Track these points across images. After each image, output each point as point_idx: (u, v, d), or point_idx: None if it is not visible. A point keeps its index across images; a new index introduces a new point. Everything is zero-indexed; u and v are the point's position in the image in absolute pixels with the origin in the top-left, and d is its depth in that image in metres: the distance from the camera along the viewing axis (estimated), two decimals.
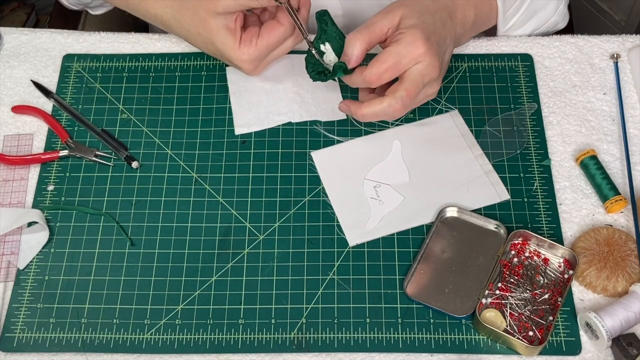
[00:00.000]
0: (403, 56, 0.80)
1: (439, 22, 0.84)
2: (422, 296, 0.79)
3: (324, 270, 0.81)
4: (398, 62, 0.80)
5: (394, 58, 0.80)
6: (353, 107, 0.84)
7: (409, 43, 0.80)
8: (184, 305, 0.80)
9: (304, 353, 0.77)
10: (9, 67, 0.97)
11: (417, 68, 0.81)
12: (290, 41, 0.88)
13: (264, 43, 0.85)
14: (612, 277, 0.78)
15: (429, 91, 0.85)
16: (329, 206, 0.85)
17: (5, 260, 0.83)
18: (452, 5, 0.87)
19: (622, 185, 0.85)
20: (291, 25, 0.85)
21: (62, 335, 0.79)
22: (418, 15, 0.83)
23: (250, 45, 0.85)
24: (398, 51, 0.80)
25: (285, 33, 0.86)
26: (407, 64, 0.81)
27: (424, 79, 0.82)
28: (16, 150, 0.90)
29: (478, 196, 0.85)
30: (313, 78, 0.84)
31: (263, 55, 0.87)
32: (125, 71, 0.96)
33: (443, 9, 0.86)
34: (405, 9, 0.83)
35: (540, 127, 0.90)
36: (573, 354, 0.76)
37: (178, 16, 0.87)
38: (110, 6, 1.04)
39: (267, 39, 0.85)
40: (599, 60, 0.95)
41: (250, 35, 0.86)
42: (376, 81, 0.81)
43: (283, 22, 0.85)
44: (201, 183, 0.87)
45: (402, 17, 0.82)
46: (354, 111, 0.84)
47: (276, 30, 0.85)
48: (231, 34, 0.85)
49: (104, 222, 0.85)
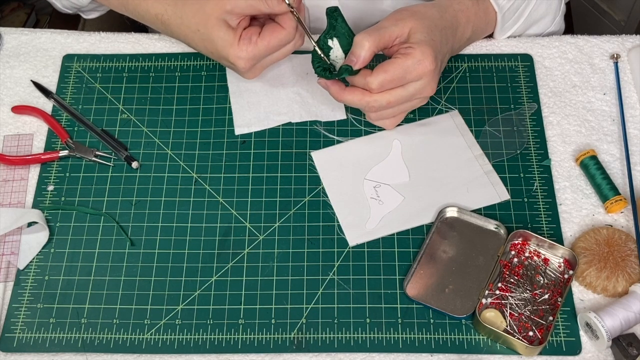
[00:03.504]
0: (410, 72, 0.81)
1: (444, 39, 0.85)
2: (422, 296, 0.79)
3: (324, 270, 0.81)
4: (404, 76, 0.81)
5: (401, 72, 0.80)
6: (334, 89, 0.84)
7: (418, 60, 0.80)
8: (184, 305, 0.80)
9: (304, 353, 0.77)
10: (9, 67, 0.97)
11: (415, 85, 0.82)
12: (290, 46, 0.87)
13: (264, 43, 0.84)
14: (612, 277, 0.78)
15: (416, 104, 0.86)
16: (329, 206, 0.85)
17: (5, 260, 0.83)
18: (456, 22, 0.88)
19: (622, 185, 0.85)
20: (293, 30, 0.85)
21: (62, 335, 0.79)
22: (428, 31, 0.83)
23: (249, 43, 0.84)
24: (407, 66, 0.80)
25: (287, 37, 0.85)
26: (411, 79, 0.81)
27: (415, 95, 0.83)
28: (16, 151, 0.90)
29: (478, 196, 0.85)
30: (318, 73, 0.84)
31: (261, 55, 0.85)
32: (125, 71, 0.96)
33: (449, 27, 0.86)
34: (416, 21, 0.83)
35: (540, 127, 0.90)
36: (573, 354, 0.76)
37: (180, 12, 0.86)
38: (103, 10, 1.03)
39: (268, 40, 0.84)
40: (599, 61, 0.95)
41: (250, 34, 0.84)
42: (377, 89, 0.81)
43: (285, 25, 0.84)
44: (201, 183, 0.87)
45: (412, 29, 0.82)
46: (334, 92, 0.84)
47: (278, 32, 0.84)
48: (231, 31, 0.84)
49: (104, 222, 0.85)
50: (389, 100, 0.82)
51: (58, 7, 1.02)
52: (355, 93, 0.83)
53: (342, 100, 0.84)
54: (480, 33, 0.93)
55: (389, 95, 0.82)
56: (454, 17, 0.87)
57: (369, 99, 0.82)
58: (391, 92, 0.82)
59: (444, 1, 0.88)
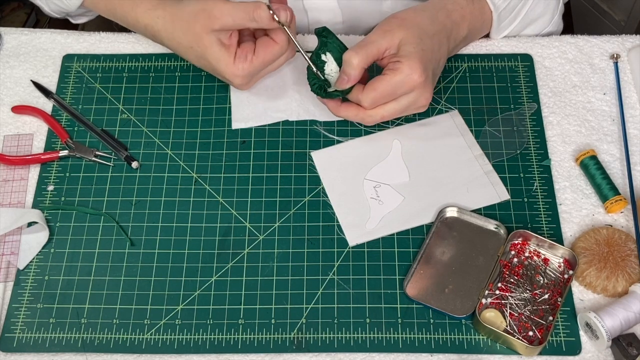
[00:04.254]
0: (400, 87, 0.82)
1: (436, 44, 0.85)
2: (422, 296, 0.79)
3: (324, 270, 0.81)
4: (393, 92, 0.82)
5: (390, 88, 0.82)
6: (331, 105, 0.86)
7: (406, 75, 0.81)
8: (183, 305, 0.80)
9: (304, 353, 0.77)
10: (9, 67, 0.97)
11: (407, 98, 0.83)
12: (283, 58, 0.87)
13: (260, 60, 0.85)
14: (612, 277, 0.78)
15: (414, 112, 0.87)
16: (329, 206, 0.85)
17: (5, 260, 0.83)
18: (449, 24, 0.88)
19: (622, 185, 0.85)
20: (285, 44, 0.85)
21: (62, 335, 0.79)
22: (417, 41, 0.83)
23: (245, 61, 0.85)
24: (395, 82, 0.81)
25: (280, 51, 0.86)
26: (402, 92, 0.83)
27: (409, 107, 0.84)
28: (16, 151, 0.90)
29: (478, 196, 0.85)
30: (314, 91, 0.86)
31: (256, 71, 0.87)
32: (125, 71, 0.96)
33: (441, 31, 0.86)
34: (405, 32, 0.83)
35: (540, 127, 0.90)
36: (573, 354, 0.76)
37: (170, 28, 0.87)
38: (92, 16, 1.02)
39: (263, 56, 0.85)
40: (599, 60, 0.95)
41: (245, 52, 0.85)
42: (369, 106, 0.83)
43: (278, 40, 0.85)
44: (201, 183, 0.87)
45: (401, 41, 0.83)
46: (331, 108, 0.86)
47: (272, 47, 0.85)
48: (225, 49, 0.84)
49: (104, 222, 0.85)
50: (383, 115, 0.84)
51: (46, 11, 0.99)
52: (350, 109, 0.85)
53: (339, 115, 0.86)
54: (477, 32, 0.93)
55: (382, 111, 0.84)
56: (447, 18, 0.87)
57: (363, 115, 0.85)
58: (384, 107, 0.84)
59: (436, 2, 0.88)
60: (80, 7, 0.95)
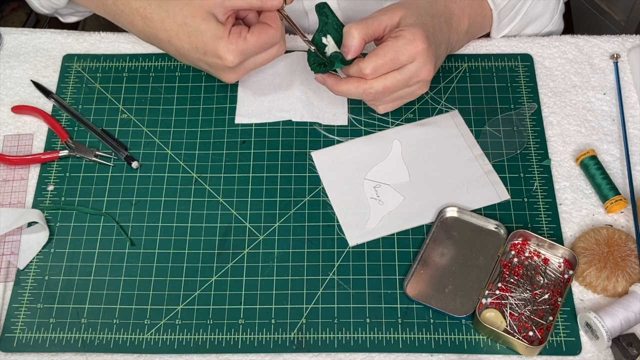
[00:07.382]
0: (402, 53, 0.80)
1: (437, 25, 0.85)
2: (422, 296, 0.79)
3: (324, 270, 0.81)
4: (396, 58, 0.80)
5: (393, 54, 0.80)
6: (330, 81, 0.84)
7: (409, 40, 0.80)
8: (184, 305, 0.80)
9: (304, 353, 0.77)
10: (9, 67, 0.97)
11: (410, 67, 0.81)
12: (275, 49, 0.85)
13: (254, 39, 0.82)
14: (612, 277, 0.78)
15: (417, 91, 0.85)
16: (329, 206, 0.85)
17: (5, 260, 0.83)
18: (448, 12, 0.88)
19: (622, 185, 0.85)
20: (280, 31, 0.84)
21: (62, 335, 0.79)
22: (417, 16, 0.83)
23: (239, 37, 0.82)
24: (397, 47, 0.80)
25: (274, 36, 0.83)
26: (405, 60, 0.81)
27: (412, 79, 0.82)
28: (16, 150, 0.90)
29: (478, 196, 0.85)
30: (313, 69, 0.84)
31: (250, 51, 0.83)
32: (125, 71, 0.96)
33: (440, 15, 0.86)
34: (405, 10, 0.84)
35: (540, 127, 0.90)
36: (573, 354, 0.76)
37: (166, 5, 0.84)
38: (81, 16, 1.01)
39: (258, 36, 0.82)
40: (599, 60, 0.95)
41: (239, 29, 0.83)
42: (371, 74, 0.81)
43: (273, 25, 0.83)
44: (201, 183, 0.87)
45: (402, 17, 0.83)
46: (330, 85, 0.84)
47: (267, 31, 0.83)
48: (220, 25, 0.82)
49: (104, 222, 0.85)
50: (385, 85, 0.82)
51: (36, 7, 0.98)
52: (351, 82, 0.83)
53: (338, 91, 0.84)
54: (478, 27, 0.93)
55: (384, 80, 0.82)
56: (445, 7, 0.88)
57: (364, 86, 0.82)
58: (387, 77, 0.82)
59: None
60: (70, 4, 0.94)
